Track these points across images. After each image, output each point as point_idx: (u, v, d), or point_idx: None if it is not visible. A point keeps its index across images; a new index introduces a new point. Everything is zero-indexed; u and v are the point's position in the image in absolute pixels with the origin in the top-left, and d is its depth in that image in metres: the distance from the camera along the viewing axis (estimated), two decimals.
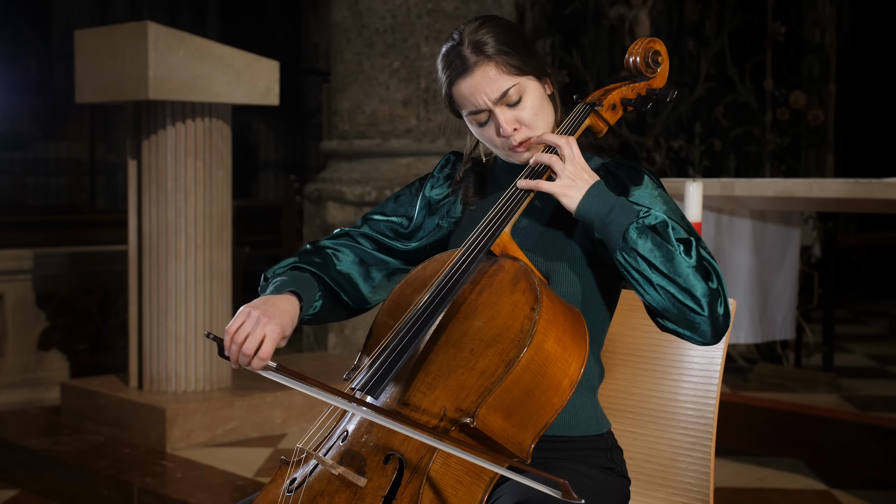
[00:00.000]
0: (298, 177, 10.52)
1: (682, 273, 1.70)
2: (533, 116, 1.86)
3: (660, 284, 1.71)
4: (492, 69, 1.84)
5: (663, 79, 1.98)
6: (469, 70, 1.84)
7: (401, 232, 2.03)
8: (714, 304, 1.71)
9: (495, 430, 1.65)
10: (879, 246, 9.61)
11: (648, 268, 1.71)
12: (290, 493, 1.73)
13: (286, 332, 1.79)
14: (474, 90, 1.85)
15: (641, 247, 1.71)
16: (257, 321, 1.74)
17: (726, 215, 4.70)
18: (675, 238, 1.72)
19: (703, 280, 1.71)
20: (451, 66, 1.86)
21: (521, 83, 1.85)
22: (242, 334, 1.73)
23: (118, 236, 5.51)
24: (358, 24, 5.21)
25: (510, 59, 1.84)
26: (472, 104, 1.86)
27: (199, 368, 4.29)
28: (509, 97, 1.85)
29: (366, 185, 5.18)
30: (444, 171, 2.06)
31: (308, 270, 1.93)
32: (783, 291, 4.94)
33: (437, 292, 1.75)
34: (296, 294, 1.85)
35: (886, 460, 3.91)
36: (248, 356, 1.72)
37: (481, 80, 1.84)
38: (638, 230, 1.72)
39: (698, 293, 1.70)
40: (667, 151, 6.02)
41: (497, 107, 1.85)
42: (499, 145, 1.89)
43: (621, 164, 1.90)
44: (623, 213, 1.74)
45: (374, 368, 1.72)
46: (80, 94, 4.43)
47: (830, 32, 5.65)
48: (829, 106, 5.55)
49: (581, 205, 1.75)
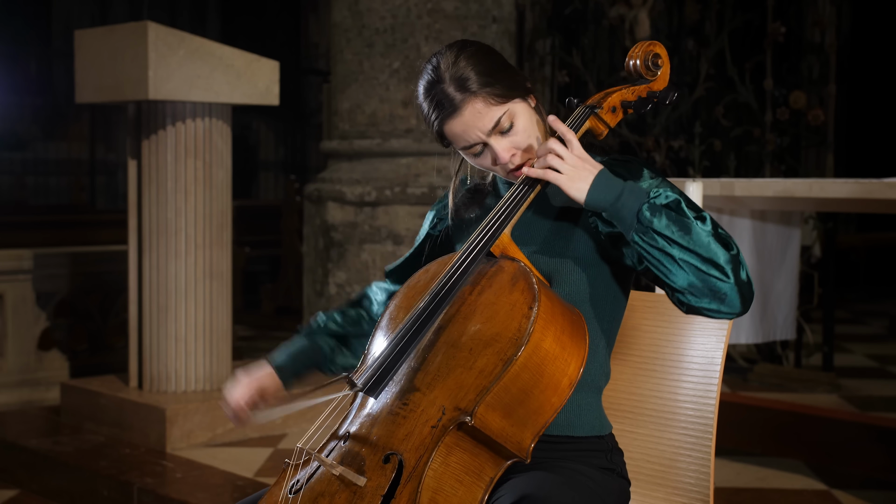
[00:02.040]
0: (298, 177, 10.52)
1: (702, 243, 1.69)
2: (526, 138, 1.86)
3: (682, 258, 1.69)
4: (479, 104, 1.82)
5: (664, 81, 1.98)
6: (457, 110, 1.83)
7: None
8: (738, 270, 1.70)
9: (494, 429, 1.66)
10: (879, 246, 9.61)
11: (668, 244, 1.70)
12: (291, 495, 1.74)
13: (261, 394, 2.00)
14: (466, 128, 1.84)
15: (657, 224, 1.70)
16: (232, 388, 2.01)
17: (726, 215, 4.70)
18: (687, 209, 1.72)
19: (723, 247, 1.70)
20: (438, 108, 1.84)
21: (510, 109, 1.84)
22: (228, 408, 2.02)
23: (118, 236, 5.51)
24: (358, 24, 5.21)
25: (495, 90, 1.83)
26: (465, 141, 1.86)
27: (199, 368, 4.29)
28: (501, 126, 1.84)
29: (366, 185, 5.18)
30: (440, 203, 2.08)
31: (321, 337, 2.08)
32: (783, 291, 4.94)
33: (436, 293, 1.76)
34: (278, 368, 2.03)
35: (886, 460, 3.92)
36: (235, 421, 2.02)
37: (471, 117, 1.83)
38: (651, 209, 1.71)
39: (721, 261, 1.69)
40: (667, 151, 6.02)
41: (491, 137, 1.85)
42: (498, 171, 1.90)
43: (617, 160, 1.89)
44: (633, 196, 1.73)
45: (374, 369, 1.73)
46: (80, 94, 4.43)
47: (830, 32, 5.65)
48: (829, 106, 5.55)
49: (590, 194, 1.74)
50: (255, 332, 7.35)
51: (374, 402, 1.77)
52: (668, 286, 1.74)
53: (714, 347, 2.02)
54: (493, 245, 1.80)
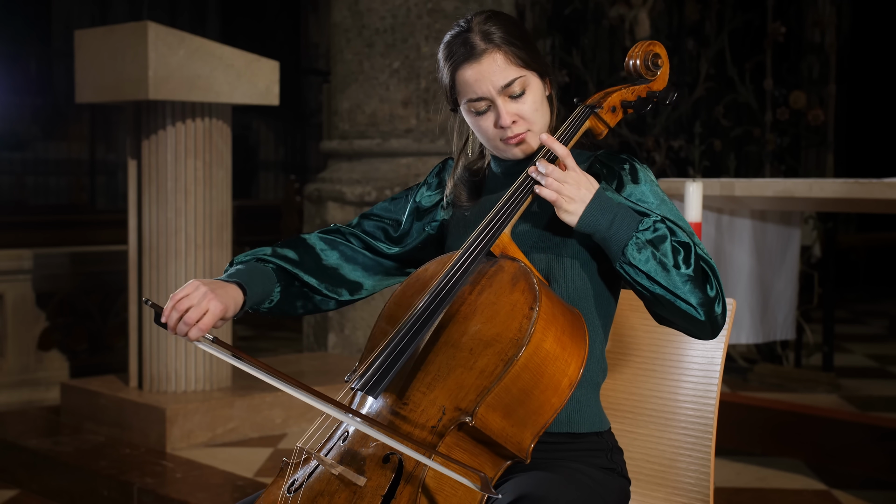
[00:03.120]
0: (298, 177, 10.53)
1: (680, 287, 1.73)
2: (533, 112, 1.87)
3: (659, 294, 1.74)
4: (500, 58, 1.84)
5: (663, 81, 1.99)
6: (477, 56, 1.85)
7: (390, 234, 2.06)
8: (711, 310, 1.75)
9: (494, 429, 1.65)
10: (879, 246, 9.61)
11: (648, 280, 1.74)
12: (290, 494, 1.73)
13: (227, 314, 1.82)
14: (480, 77, 1.85)
15: (641, 262, 1.74)
16: (204, 295, 1.78)
17: (726, 215, 4.70)
18: (672, 247, 1.74)
19: (700, 289, 1.73)
20: (456, 52, 1.86)
21: (527, 77, 1.86)
22: (186, 303, 1.77)
23: (118, 236, 5.51)
24: (358, 24, 5.21)
25: (518, 52, 1.85)
26: (475, 92, 1.86)
27: (199, 368, 4.29)
28: (513, 89, 1.85)
29: (366, 185, 5.18)
30: (439, 176, 2.08)
31: (274, 264, 1.96)
32: (783, 291, 4.94)
33: (436, 293, 1.76)
34: (241, 287, 1.88)
35: (886, 460, 3.91)
36: (189, 325, 1.76)
37: (488, 67, 1.84)
38: (637, 246, 1.74)
39: (696, 303, 1.74)
40: (667, 151, 6.02)
41: (500, 97, 1.85)
42: (492, 137, 1.89)
43: (612, 156, 1.91)
44: (623, 227, 1.75)
45: (374, 368, 1.72)
46: (80, 94, 4.43)
47: (830, 32, 5.65)
48: (829, 106, 5.56)
49: (581, 220, 1.77)
50: (255, 332, 7.35)
51: (373, 402, 1.77)
52: (644, 302, 1.80)
53: (714, 347, 2.02)
54: (493, 244, 1.80)
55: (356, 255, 2.03)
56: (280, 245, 2.02)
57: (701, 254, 1.76)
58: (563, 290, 1.85)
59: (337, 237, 2.05)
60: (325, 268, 2.00)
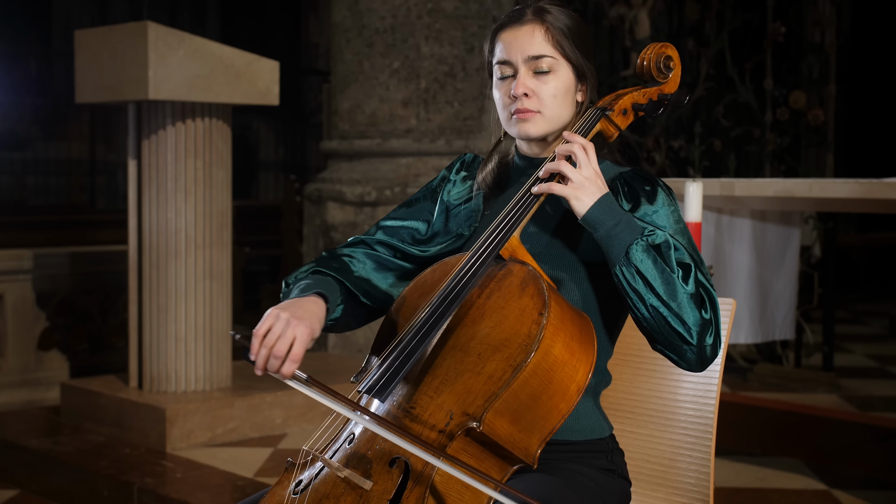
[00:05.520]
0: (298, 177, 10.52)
1: (677, 298, 1.71)
2: (551, 98, 1.86)
3: (653, 305, 1.71)
4: (540, 32, 1.86)
5: (675, 84, 1.98)
6: (520, 22, 1.88)
7: (418, 238, 2.00)
8: (703, 335, 1.72)
9: (502, 434, 1.64)
10: (879, 246, 9.61)
11: (645, 286, 1.71)
12: (295, 496, 1.72)
13: (315, 333, 1.74)
14: (514, 40, 1.87)
15: (642, 265, 1.72)
16: (287, 323, 1.69)
17: (726, 215, 4.70)
18: (675, 261, 1.73)
19: (696, 309, 1.71)
20: (506, 17, 1.91)
21: (559, 62, 1.87)
22: (273, 337, 1.67)
23: (118, 236, 5.51)
24: (358, 24, 5.21)
25: (561, 38, 1.86)
26: (504, 55, 1.88)
27: (199, 368, 4.29)
28: (539, 64, 1.85)
29: (366, 185, 5.18)
30: (461, 173, 2.04)
31: (329, 274, 1.91)
32: (783, 291, 4.94)
33: (445, 296, 1.74)
34: (321, 295, 1.82)
35: (886, 460, 3.91)
36: (280, 359, 1.67)
37: (526, 35, 1.86)
38: (642, 248, 1.72)
39: (689, 321, 1.71)
40: (667, 151, 6.02)
41: (524, 66, 1.86)
42: (504, 106, 1.90)
43: (639, 175, 1.89)
44: (628, 229, 1.74)
45: (382, 371, 1.70)
46: (80, 94, 4.43)
47: (830, 32, 5.65)
48: (829, 106, 5.56)
49: (590, 211, 1.74)
50: None
51: (379, 405, 1.75)
52: (636, 320, 1.76)
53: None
54: (503, 248, 1.78)
55: (386, 262, 1.98)
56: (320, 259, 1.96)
57: (702, 279, 1.73)
58: (571, 297, 1.83)
59: (363, 248, 1.99)
60: (358, 280, 1.94)
